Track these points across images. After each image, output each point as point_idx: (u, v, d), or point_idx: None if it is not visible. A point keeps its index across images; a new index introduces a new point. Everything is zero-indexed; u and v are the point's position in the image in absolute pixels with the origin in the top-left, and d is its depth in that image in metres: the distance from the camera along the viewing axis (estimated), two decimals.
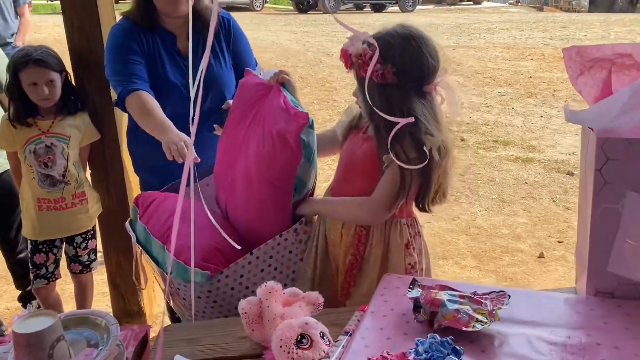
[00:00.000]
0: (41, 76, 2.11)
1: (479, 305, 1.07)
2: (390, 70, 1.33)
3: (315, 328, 1.06)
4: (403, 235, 1.46)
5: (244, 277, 1.47)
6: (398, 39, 1.35)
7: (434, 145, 1.33)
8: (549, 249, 3.53)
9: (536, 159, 5.08)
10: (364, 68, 1.34)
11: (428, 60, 1.36)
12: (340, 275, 1.50)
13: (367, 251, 1.45)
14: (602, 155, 1.12)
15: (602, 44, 1.25)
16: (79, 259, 2.35)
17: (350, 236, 1.47)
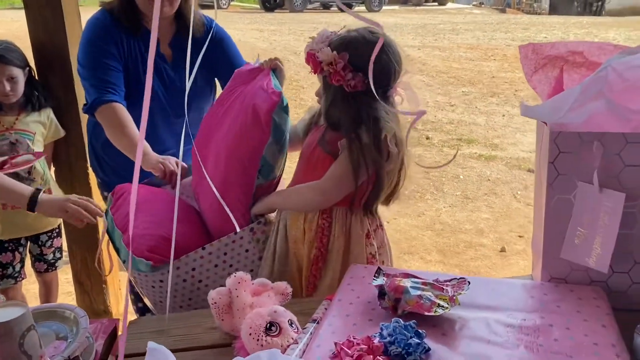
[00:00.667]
0: (2, 72, 2.07)
1: (441, 292, 1.12)
2: (361, 79, 1.37)
3: (284, 316, 1.09)
4: (364, 226, 1.50)
5: (196, 270, 1.48)
6: (367, 46, 1.35)
7: (389, 132, 1.37)
8: (510, 243, 3.64)
9: (498, 156, 5.22)
10: (335, 77, 1.37)
11: (395, 68, 1.42)
12: (305, 270, 1.53)
13: (331, 243, 1.49)
14: (555, 148, 1.18)
15: (556, 42, 1.32)
16: (44, 257, 2.32)
17: (313, 230, 1.50)
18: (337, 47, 1.38)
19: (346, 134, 1.40)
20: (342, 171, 1.42)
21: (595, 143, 1.15)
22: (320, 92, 1.50)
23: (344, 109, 1.41)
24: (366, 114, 1.39)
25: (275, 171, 1.55)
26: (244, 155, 1.50)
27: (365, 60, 1.33)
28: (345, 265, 1.48)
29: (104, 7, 1.95)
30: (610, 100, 1.15)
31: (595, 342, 1.00)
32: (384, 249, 1.57)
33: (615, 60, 1.11)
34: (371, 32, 1.42)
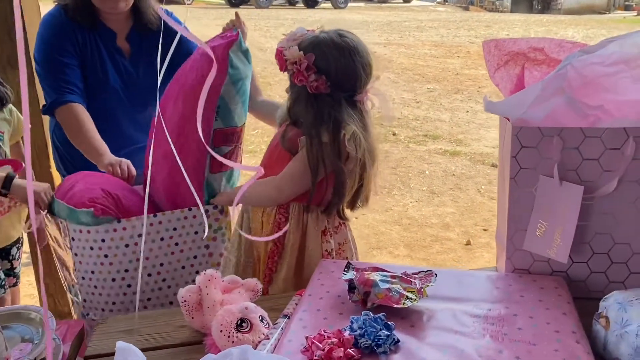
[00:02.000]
0: None
1: (409, 284, 1.14)
2: (324, 81, 1.38)
3: (255, 312, 1.10)
4: (319, 223, 1.50)
5: (141, 238, 1.45)
6: (334, 50, 1.38)
7: (347, 132, 1.37)
8: (475, 237, 3.72)
9: (463, 152, 5.32)
10: (298, 77, 1.38)
11: (361, 73, 1.41)
12: (262, 263, 1.54)
13: (286, 238, 1.50)
14: (517, 143, 1.21)
15: (518, 38, 1.36)
16: (14, 271, 2.15)
17: (271, 224, 1.51)
18: (305, 48, 1.38)
19: (306, 132, 1.41)
20: (298, 169, 1.42)
21: (555, 138, 1.19)
22: (288, 90, 1.50)
23: (306, 108, 1.42)
24: (327, 114, 1.39)
25: (235, 118, 1.53)
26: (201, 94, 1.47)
27: (330, 63, 1.38)
28: (301, 260, 1.50)
29: (58, 3, 1.90)
30: (570, 96, 1.19)
31: (557, 329, 1.04)
32: (347, 245, 1.58)
33: (574, 58, 1.15)
34: (340, 35, 1.42)
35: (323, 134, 1.39)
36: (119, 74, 1.90)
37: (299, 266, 1.49)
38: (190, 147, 1.50)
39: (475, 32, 12.52)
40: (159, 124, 1.51)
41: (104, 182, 1.58)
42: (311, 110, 1.40)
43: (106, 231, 1.43)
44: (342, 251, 1.56)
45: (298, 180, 1.43)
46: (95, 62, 1.87)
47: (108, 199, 1.49)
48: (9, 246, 2.09)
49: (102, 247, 1.46)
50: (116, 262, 1.47)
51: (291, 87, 1.47)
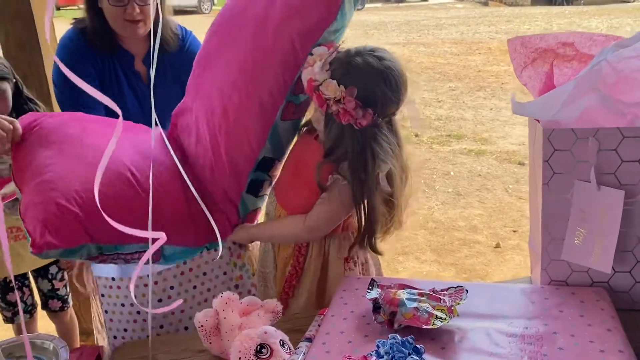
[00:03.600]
0: None
1: (438, 302, 1.07)
2: (371, 115, 1.24)
3: (275, 337, 1.04)
4: (342, 250, 1.42)
5: (174, 290, 1.38)
6: (377, 77, 1.24)
7: (382, 171, 1.27)
8: (504, 239, 3.61)
9: (488, 151, 5.19)
10: (345, 117, 1.22)
11: (403, 97, 1.29)
12: (278, 285, 1.47)
13: (307, 263, 1.42)
14: (550, 146, 1.13)
15: (545, 34, 1.27)
16: (57, 293, 2.09)
17: (290, 247, 1.43)
18: (343, 79, 1.22)
19: (352, 170, 1.27)
20: (337, 210, 1.32)
21: (590, 139, 1.11)
22: (320, 120, 1.33)
23: (352, 146, 1.27)
24: (370, 149, 1.26)
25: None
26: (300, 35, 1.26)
27: (376, 94, 1.23)
28: (322, 288, 1.42)
29: (75, 25, 1.85)
30: (605, 94, 1.11)
31: (602, 348, 0.96)
32: (367, 265, 1.50)
33: (609, 53, 1.06)
34: (378, 58, 1.26)
35: (361, 174, 1.27)
36: (136, 97, 1.85)
37: (319, 293, 1.41)
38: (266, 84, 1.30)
39: (495, 27, 12.32)
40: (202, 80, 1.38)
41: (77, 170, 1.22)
42: (357, 147, 1.26)
43: (136, 286, 1.32)
44: (364, 271, 1.50)
45: (335, 221, 1.35)
46: (113, 86, 1.83)
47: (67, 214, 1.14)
48: (47, 264, 2.03)
49: (134, 303, 1.29)
50: (143, 316, 1.37)
51: (329, 123, 1.29)
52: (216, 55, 1.38)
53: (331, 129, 1.28)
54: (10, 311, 2.06)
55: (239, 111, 1.31)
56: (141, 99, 1.85)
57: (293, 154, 1.45)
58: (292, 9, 1.26)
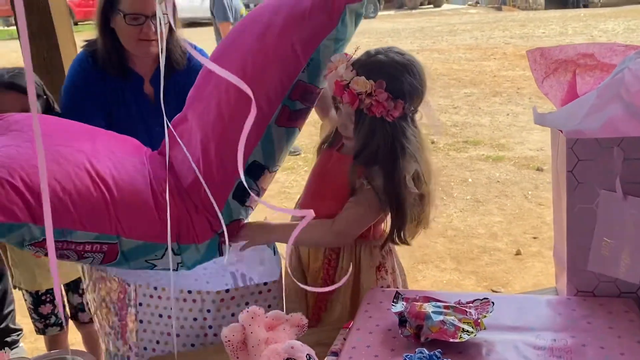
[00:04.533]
0: (14, 103, 1.80)
1: (464, 315, 1.06)
2: (402, 105, 1.26)
3: (301, 351, 1.04)
4: (374, 258, 1.42)
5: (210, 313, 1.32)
6: (402, 69, 1.27)
7: (411, 169, 1.28)
8: (525, 246, 3.57)
9: (506, 156, 5.15)
10: (378, 109, 1.24)
11: (425, 88, 1.33)
12: (310, 299, 1.47)
13: (338, 275, 1.42)
14: (573, 156, 1.13)
15: (564, 45, 1.27)
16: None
17: (320, 260, 1.43)
18: (370, 74, 1.25)
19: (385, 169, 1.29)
20: (365, 212, 1.32)
21: (615, 149, 1.10)
22: (347, 125, 1.34)
23: (382, 140, 1.29)
24: (400, 145, 1.28)
25: (320, 79, 1.34)
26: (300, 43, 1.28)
27: (403, 85, 1.26)
28: (355, 299, 1.42)
29: (85, 49, 1.86)
30: (628, 102, 1.10)
31: None
32: (394, 275, 1.50)
33: (631, 62, 1.06)
34: (397, 52, 1.31)
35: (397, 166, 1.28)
36: (144, 120, 1.85)
37: (353, 304, 1.41)
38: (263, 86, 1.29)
39: (510, 32, 12.26)
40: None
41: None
42: (388, 141, 1.28)
43: (176, 300, 1.30)
44: (393, 280, 1.50)
45: (363, 225, 1.35)
46: (121, 110, 1.83)
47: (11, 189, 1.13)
48: (78, 278, 2.04)
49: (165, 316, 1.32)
50: (183, 336, 1.34)
51: (360, 122, 1.30)
52: (217, 60, 1.38)
53: (362, 126, 1.30)
54: (42, 323, 2.09)
55: (234, 111, 1.31)
56: (148, 121, 1.83)
57: (314, 170, 1.47)
58: (295, 16, 1.30)
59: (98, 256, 1.24)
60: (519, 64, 8.68)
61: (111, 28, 1.76)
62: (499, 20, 14.81)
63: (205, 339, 1.35)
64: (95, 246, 1.22)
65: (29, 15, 2.15)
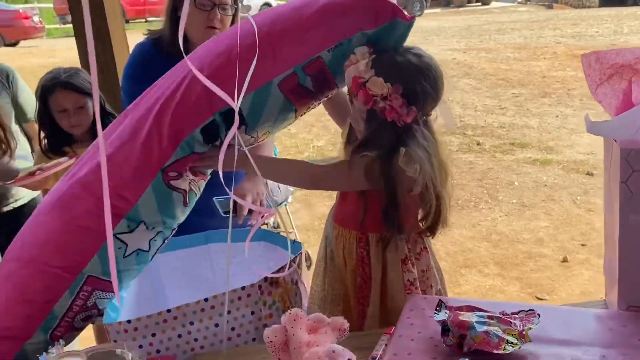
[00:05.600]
0: (70, 101, 1.91)
1: (509, 326, 1.05)
2: (414, 113, 1.27)
3: (343, 356, 1.04)
4: (399, 251, 1.41)
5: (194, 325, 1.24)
6: (418, 75, 1.27)
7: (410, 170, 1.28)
8: (572, 253, 3.48)
9: (554, 160, 5.02)
10: (391, 114, 1.25)
11: (441, 93, 1.32)
12: (352, 299, 1.48)
13: (372, 271, 1.42)
14: (628, 167, 1.09)
15: (622, 49, 1.23)
16: None
17: (354, 259, 1.44)
18: (388, 76, 1.25)
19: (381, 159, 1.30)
20: (343, 172, 1.33)
21: None
22: (358, 120, 1.36)
23: (388, 141, 1.30)
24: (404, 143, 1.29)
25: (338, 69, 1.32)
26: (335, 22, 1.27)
27: (418, 92, 1.26)
28: (384, 293, 1.42)
29: (148, 37, 1.91)
30: None
31: None
32: (430, 272, 1.48)
33: None
34: (417, 55, 1.30)
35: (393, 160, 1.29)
36: None
37: (382, 299, 1.42)
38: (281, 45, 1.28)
39: (561, 31, 11.89)
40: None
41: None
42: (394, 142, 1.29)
43: (156, 323, 1.22)
44: (425, 279, 1.48)
45: (343, 184, 1.35)
46: None
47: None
48: None
49: (153, 343, 1.23)
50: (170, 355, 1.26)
51: (371, 119, 1.32)
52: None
53: (371, 124, 1.32)
54: None
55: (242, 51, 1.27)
56: None
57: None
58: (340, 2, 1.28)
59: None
60: (570, 64, 8.42)
61: (178, 16, 1.78)
62: (550, 19, 14.38)
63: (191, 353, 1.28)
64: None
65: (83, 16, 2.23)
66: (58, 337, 1.31)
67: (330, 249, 1.52)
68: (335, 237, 1.49)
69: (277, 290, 1.35)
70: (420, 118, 1.30)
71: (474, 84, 7.76)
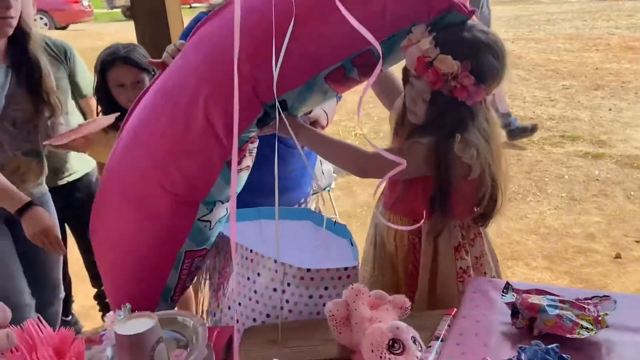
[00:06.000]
0: (128, 76, 1.94)
1: (582, 311, 1.01)
2: (483, 91, 1.23)
3: (407, 333, 1.03)
4: (452, 238, 1.38)
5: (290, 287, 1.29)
6: (487, 52, 1.23)
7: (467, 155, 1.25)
8: (626, 249, 3.35)
9: (607, 154, 4.84)
10: (462, 93, 1.20)
11: (506, 71, 1.28)
12: (402, 286, 1.45)
13: (423, 259, 1.41)
14: None
15: None
16: None
17: (405, 246, 1.42)
18: (455, 53, 1.19)
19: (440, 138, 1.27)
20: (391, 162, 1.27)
21: None
22: (416, 99, 1.31)
23: (451, 122, 1.26)
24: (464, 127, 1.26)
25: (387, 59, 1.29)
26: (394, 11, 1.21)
27: (486, 69, 1.22)
28: (434, 281, 1.40)
29: (205, 9, 1.89)
30: None
31: None
32: (484, 259, 1.45)
33: None
34: (481, 30, 1.25)
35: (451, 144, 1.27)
36: None
37: (432, 286, 1.39)
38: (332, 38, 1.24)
39: (615, 22, 11.43)
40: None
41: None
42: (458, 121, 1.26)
43: (263, 266, 1.31)
44: (479, 265, 1.44)
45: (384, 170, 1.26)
46: None
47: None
48: None
49: (256, 281, 1.33)
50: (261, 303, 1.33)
51: (436, 100, 1.26)
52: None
53: (436, 105, 1.26)
54: None
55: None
56: None
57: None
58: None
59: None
60: (625, 57, 8.09)
61: None
62: (603, 10, 13.85)
63: (280, 312, 1.31)
64: None
65: None
66: (176, 300, 1.54)
67: (380, 236, 1.50)
68: (387, 232, 1.47)
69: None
70: (487, 95, 1.27)
71: (522, 74, 7.55)
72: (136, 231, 1.41)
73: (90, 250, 2.57)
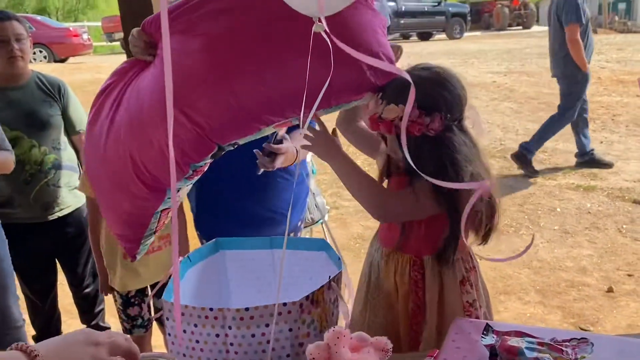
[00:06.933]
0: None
1: (560, 354, 1.01)
2: (439, 117, 1.28)
3: None
4: (457, 271, 1.40)
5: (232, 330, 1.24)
6: (431, 84, 1.29)
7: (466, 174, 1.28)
8: (618, 283, 3.35)
9: (599, 187, 4.88)
10: (415, 128, 1.26)
11: (463, 93, 1.33)
12: (403, 326, 1.44)
13: (426, 295, 1.41)
14: None
15: None
16: None
17: (406, 283, 1.42)
18: (398, 97, 1.25)
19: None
20: (408, 198, 1.32)
21: None
22: (396, 149, 1.36)
23: (429, 157, 1.29)
24: (449, 157, 1.29)
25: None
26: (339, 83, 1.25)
27: (434, 98, 1.28)
28: (442, 316, 1.39)
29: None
30: None
31: None
32: (478, 293, 1.46)
33: None
34: (422, 68, 1.34)
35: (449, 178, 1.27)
36: None
37: (440, 323, 1.39)
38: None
39: (605, 55, 11.64)
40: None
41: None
42: (436, 157, 1.29)
43: (198, 316, 1.25)
44: (478, 297, 1.45)
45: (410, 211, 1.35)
46: None
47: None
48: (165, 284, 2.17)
49: (194, 332, 1.26)
50: (206, 350, 1.27)
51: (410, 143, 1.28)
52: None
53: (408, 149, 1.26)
54: (130, 324, 2.20)
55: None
56: None
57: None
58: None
59: None
60: (616, 90, 8.22)
61: None
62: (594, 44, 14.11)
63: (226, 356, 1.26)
64: None
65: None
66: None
67: (375, 276, 1.50)
68: (385, 261, 1.48)
69: (316, 310, 1.31)
70: (451, 123, 1.30)
71: (515, 107, 7.65)
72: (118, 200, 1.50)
73: (80, 285, 2.58)
